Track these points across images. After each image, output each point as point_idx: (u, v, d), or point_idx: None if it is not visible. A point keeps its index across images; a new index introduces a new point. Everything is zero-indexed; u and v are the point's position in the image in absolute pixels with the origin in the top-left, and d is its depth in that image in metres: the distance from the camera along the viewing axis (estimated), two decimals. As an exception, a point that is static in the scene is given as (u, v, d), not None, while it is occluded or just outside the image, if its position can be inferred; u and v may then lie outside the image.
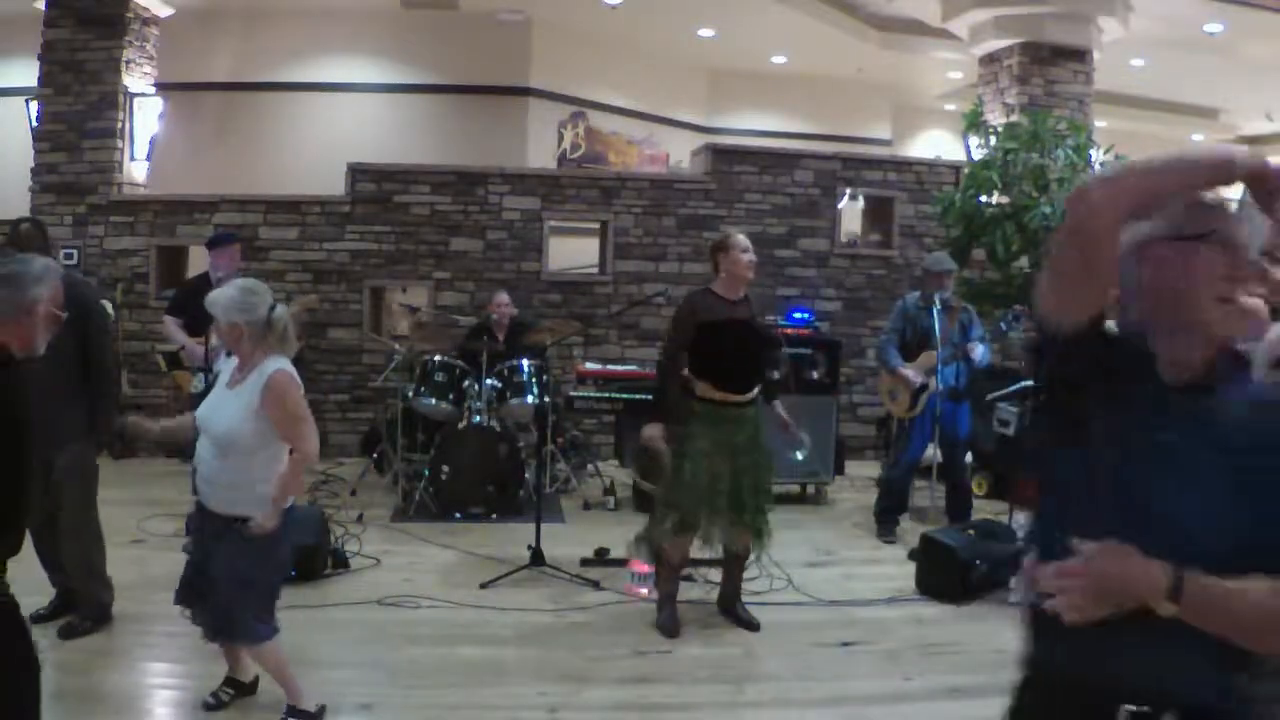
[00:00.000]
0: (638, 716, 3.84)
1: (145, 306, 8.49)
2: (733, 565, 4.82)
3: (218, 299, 3.46)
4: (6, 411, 2.28)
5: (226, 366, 3.58)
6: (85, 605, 4.32)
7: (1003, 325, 6.37)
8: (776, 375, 4.96)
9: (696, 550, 4.77)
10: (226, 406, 3.40)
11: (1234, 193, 1.57)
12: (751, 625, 4.73)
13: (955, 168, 9.31)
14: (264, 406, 3.33)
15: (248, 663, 3.73)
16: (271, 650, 3.50)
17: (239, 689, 3.75)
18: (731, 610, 4.82)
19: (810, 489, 7.41)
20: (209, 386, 5.58)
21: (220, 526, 3.40)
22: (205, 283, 6.01)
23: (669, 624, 4.64)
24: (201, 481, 3.45)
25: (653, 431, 4.56)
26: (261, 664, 3.60)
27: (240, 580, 3.37)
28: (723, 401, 4.54)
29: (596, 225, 9.01)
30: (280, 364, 3.42)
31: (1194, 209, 1.56)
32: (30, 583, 2.96)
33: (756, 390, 4.64)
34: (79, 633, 4.24)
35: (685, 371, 4.62)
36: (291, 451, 3.43)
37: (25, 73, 9.20)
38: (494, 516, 6.47)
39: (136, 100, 8.79)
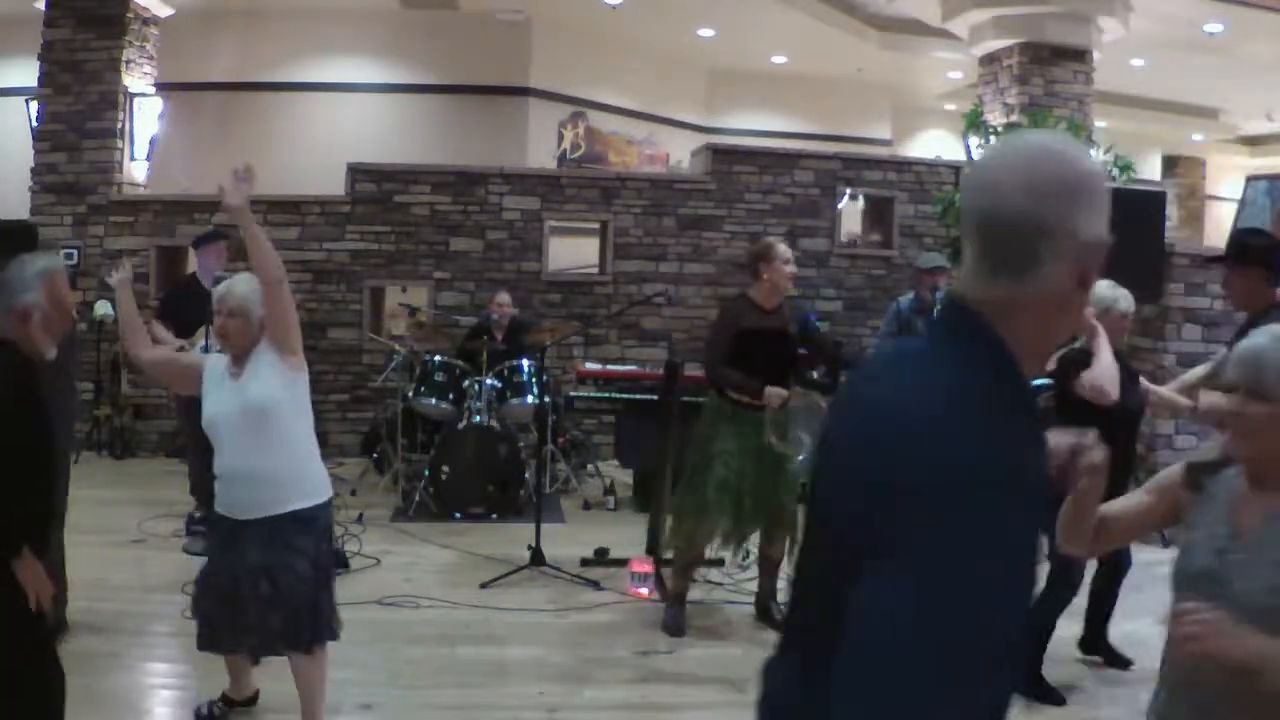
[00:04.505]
0: (638, 716, 3.84)
1: (145, 306, 8.40)
2: (768, 568, 4.79)
3: (239, 290, 3.18)
4: (25, 393, 2.49)
5: (214, 366, 3.28)
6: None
7: None
8: (816, 375, 4.93)
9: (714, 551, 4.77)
10: (252, 382, 3.13)
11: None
12: None
13: (955, 168, 9.31)
14: (265, 305, 3.10)
15: (250, 677, 3.54)
16: (325, 656, 3.31)
17: (231, 705, 3.57)
18: (768, 613, 4.78)
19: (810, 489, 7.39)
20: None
21: (267, 533, 3.11)
22: (195, 285, 5.95)
23: (675, 623, 4.64)
24: (235, 489, 3.15)
25: (775, 389, 4.44)
26: (311, 671, 3.27)
27: (320, 571, 3.16)
28: (748, 405, 4.54)
29: (596, 225, 9.00)
30: None
31: None
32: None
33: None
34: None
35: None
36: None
37: (25, 73, 9.21)
38: (494, 516, 6.47)
39: (136, 100, 8.78)
